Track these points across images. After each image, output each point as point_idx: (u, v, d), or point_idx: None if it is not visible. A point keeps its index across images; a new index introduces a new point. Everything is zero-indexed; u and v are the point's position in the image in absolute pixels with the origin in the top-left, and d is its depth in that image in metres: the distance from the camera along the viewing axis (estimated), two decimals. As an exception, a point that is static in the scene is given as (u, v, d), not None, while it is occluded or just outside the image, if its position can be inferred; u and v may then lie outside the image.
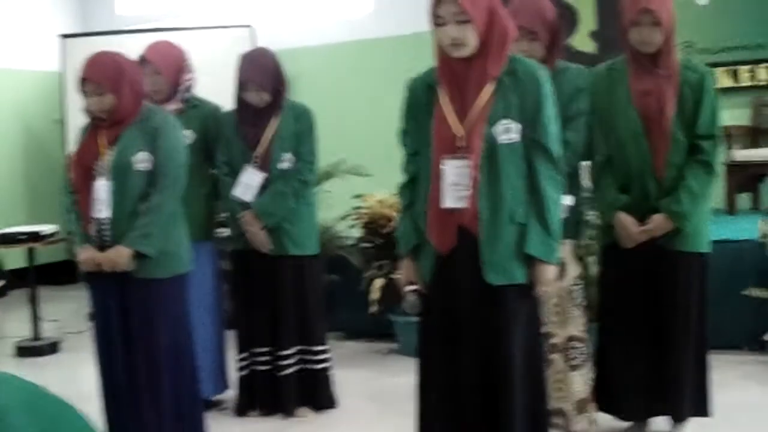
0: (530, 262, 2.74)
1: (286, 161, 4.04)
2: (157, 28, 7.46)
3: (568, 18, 6.61)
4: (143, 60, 3.99)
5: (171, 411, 3.55)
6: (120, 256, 3.37)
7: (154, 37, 4.42)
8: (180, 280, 3.54)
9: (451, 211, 2.73)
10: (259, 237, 4.03)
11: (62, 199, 3.67)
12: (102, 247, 3.43)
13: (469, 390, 2.79)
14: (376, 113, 7.09)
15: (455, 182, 2.71)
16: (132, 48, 3.62)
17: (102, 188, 3.42)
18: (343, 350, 5.02)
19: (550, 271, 2.77)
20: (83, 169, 3.48)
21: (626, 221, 3.43)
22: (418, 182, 2.87)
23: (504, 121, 2.71)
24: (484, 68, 2.70)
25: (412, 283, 2.89)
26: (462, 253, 2.74)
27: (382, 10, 7.49)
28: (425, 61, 2.91)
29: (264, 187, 4.04)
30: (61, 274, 8.70)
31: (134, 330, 3.48)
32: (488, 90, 2.71)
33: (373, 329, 5.42)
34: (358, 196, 5.32)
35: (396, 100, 2.99)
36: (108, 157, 3.43)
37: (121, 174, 3.40)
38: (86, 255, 3.44)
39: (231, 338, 4.33)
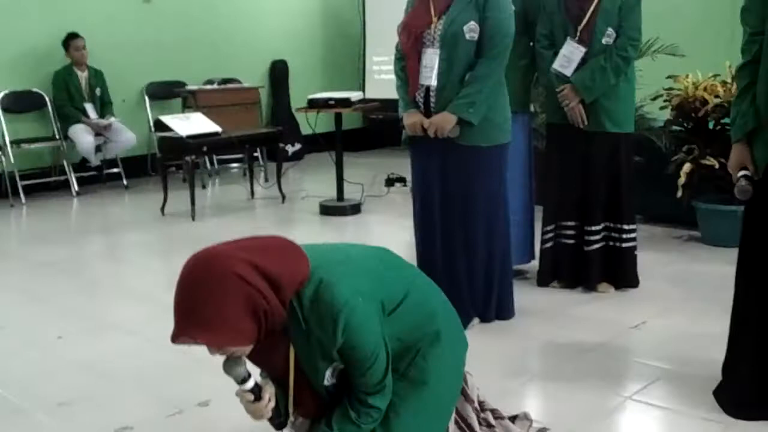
0: None
1: (608, 36, 3.97)
2: None
3: None
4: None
5: (483, 274, 3.72)
6: (446, 122, 3.51)
7: None
8: (500, 149, 3.64)
9: (797, 95, 2.59)
10: (577, 111, 4.02)
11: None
12: (427, 113, 3.59)
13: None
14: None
15: (805, 64, 2.57)
16: None
17: (431, 56, 3.55)
18: (642, 233, 4.95)
19: None
20: (413, 37, 3.61)
21: None
22: (760, 63, 2.73)
23: None
24: None
25: (744, 169, 2.79)
26: (805, 138, 2.61)
27: None
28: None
29: (583, 62, 4.00)
30: (358, 141, 9.17)
31: (452, 195, 3.64)
32: None
33: (674, 214, 5.31)
34: (670, 77, 5.14)
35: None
36: (438, 26, 3.54)
37: (450, 43, 3.50)
38: (413, 119, 3.61)
39: (537, 212, 4.42)
